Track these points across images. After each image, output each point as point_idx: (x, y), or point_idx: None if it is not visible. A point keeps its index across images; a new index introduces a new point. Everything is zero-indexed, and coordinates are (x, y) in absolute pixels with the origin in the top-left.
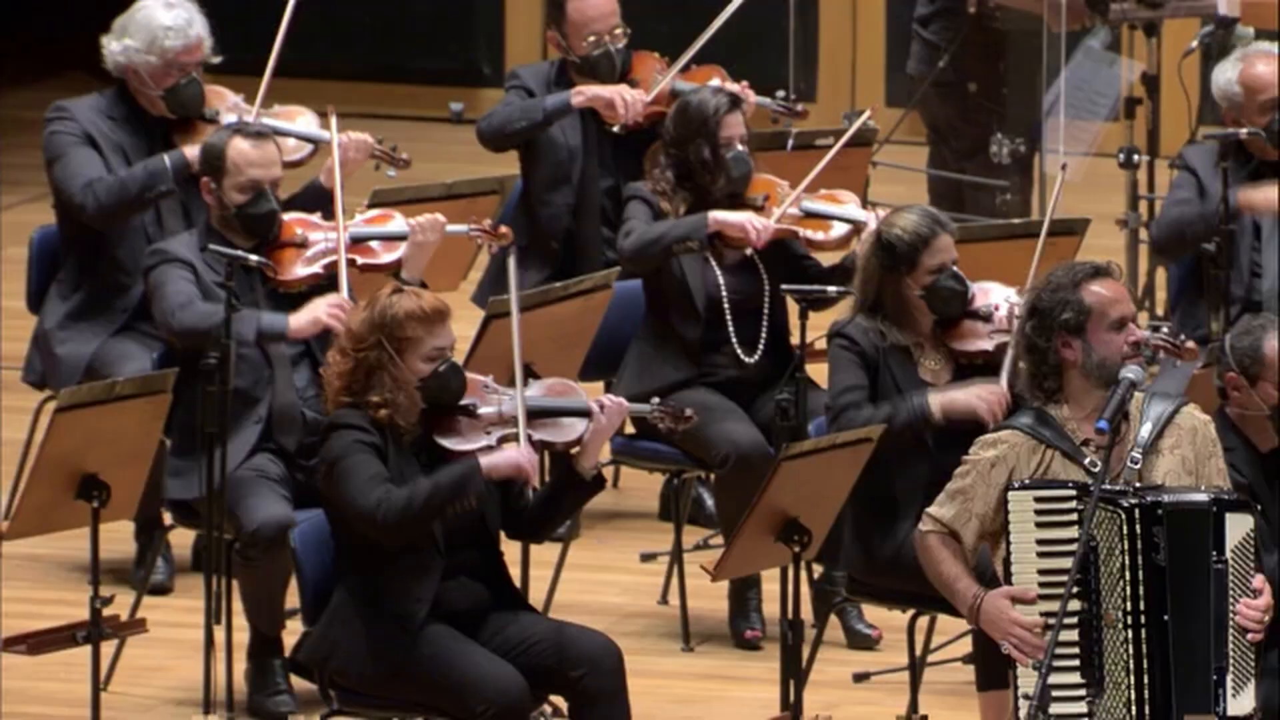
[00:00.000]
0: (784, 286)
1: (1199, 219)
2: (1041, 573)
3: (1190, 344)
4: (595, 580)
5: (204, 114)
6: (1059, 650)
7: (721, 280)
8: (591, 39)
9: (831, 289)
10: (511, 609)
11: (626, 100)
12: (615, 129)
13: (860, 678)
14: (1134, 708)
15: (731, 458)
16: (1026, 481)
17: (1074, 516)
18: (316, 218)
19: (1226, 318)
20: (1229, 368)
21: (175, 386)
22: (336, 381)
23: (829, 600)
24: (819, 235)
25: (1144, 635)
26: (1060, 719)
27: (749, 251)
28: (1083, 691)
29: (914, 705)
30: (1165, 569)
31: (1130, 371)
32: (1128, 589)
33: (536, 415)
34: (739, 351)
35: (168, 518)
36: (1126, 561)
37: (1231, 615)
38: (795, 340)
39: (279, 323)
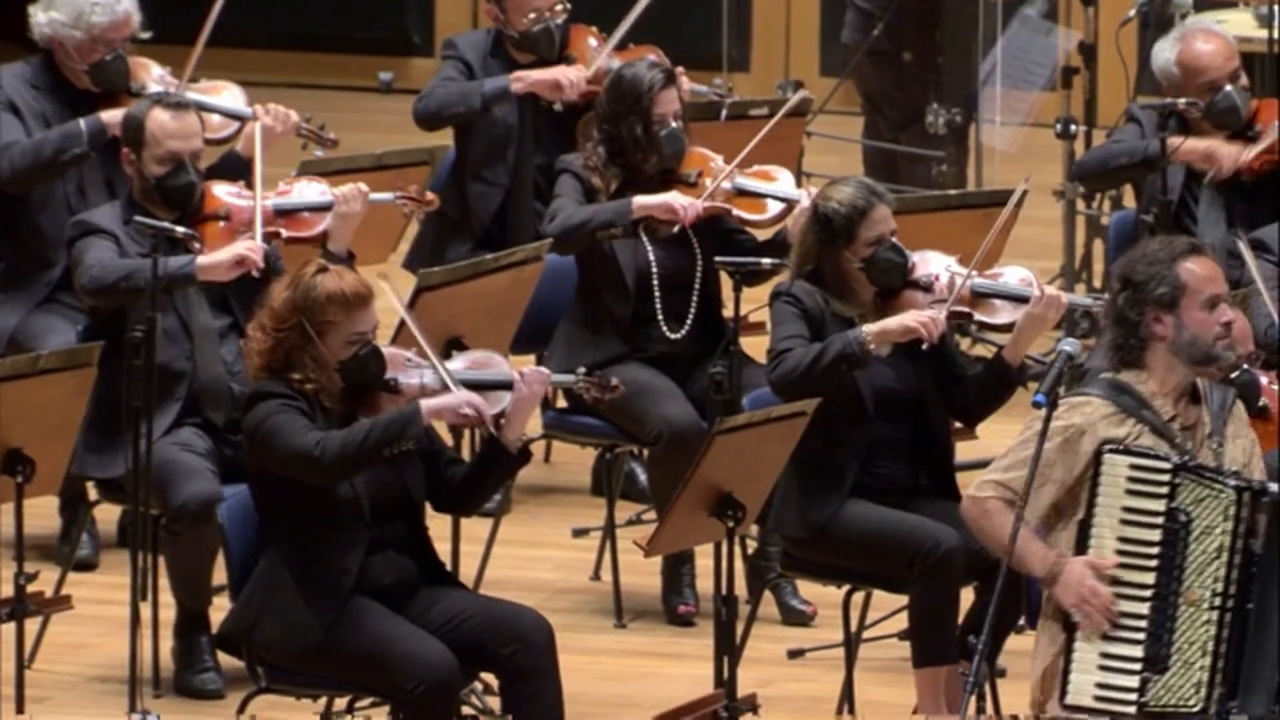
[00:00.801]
0: (717, 259)
1: (1126, 153)
2: (1121, 540)
3: None
4: (526, 556)
5: (130, 89)
6: (1126, 622)
7: (652, 256)
8: (532, 15)
9: (766, 261)
10: (439, 584)
11: (571, 80)
12: (556, 107)
13: (795, 654)
14: (1204, 689)
15: (664, 433)
16: (1124, 447)
17: (1164, 490)
18: (239, 188)
19: None
20: None
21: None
22: (257, 359)
23: (763, 576)
24: (752, 215)
25: (1227, 620)
26: (1108, 689)
27: (678, 227)
28: (1138, 665)
29: (849, 682)
30: (1258, 557)
31: (1067, 345)
32: (1222, 570)
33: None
34: (665, 328)
35: (93, 493)
36: (1226, 543)
37: None
38: (729, 314)
39: (186, 263)
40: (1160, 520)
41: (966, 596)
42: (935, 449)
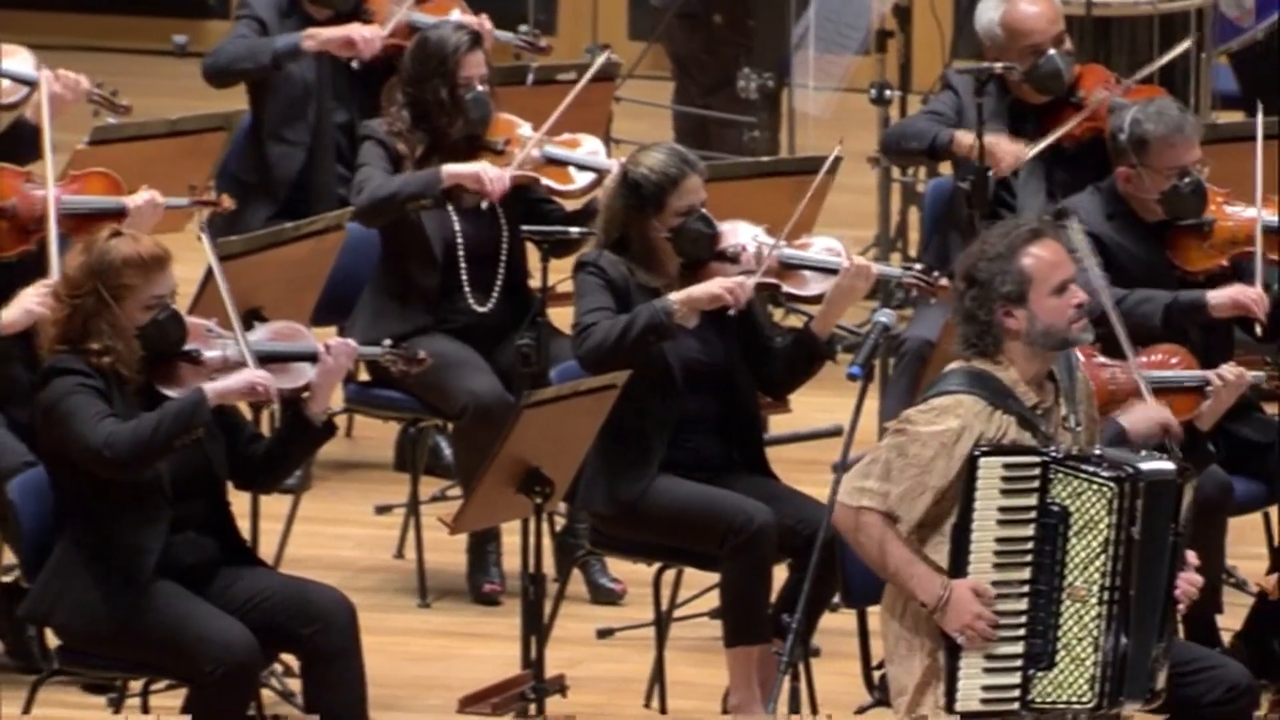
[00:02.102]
0: (524, 229)
1: (917, 137)
2: (999, 540)
3: (944, 281)
4: (328, 533)
5: None
6: (1006, 621)
7: (458, 226)
8: None
9: (573, 230)
10: (241, 564)
11: (365, 38)
12: (354, 65)
13: (604, 634)
14: (1097, 685)
15: (470, 406)
16: (995, 446)
17: (1036, 485)
18: (27, 186)
19: None
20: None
21: None
22: (52, 329)
23: (572, 553)
24: (561, 185)
25: (1114, 612)
26: (993, 689)
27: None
28: (1019, 663)
29: (659, 662)
30: (1137, 543)
31: (883, 315)
32: (1108, 564)
33: (262, 360)
34: (471, 299)
35: None
36: (1110, 536)
37: (1176, 588)
38: (536, 285)
39: None
40: (1033, 515)
41: (780, 574)
42: (745, 422)
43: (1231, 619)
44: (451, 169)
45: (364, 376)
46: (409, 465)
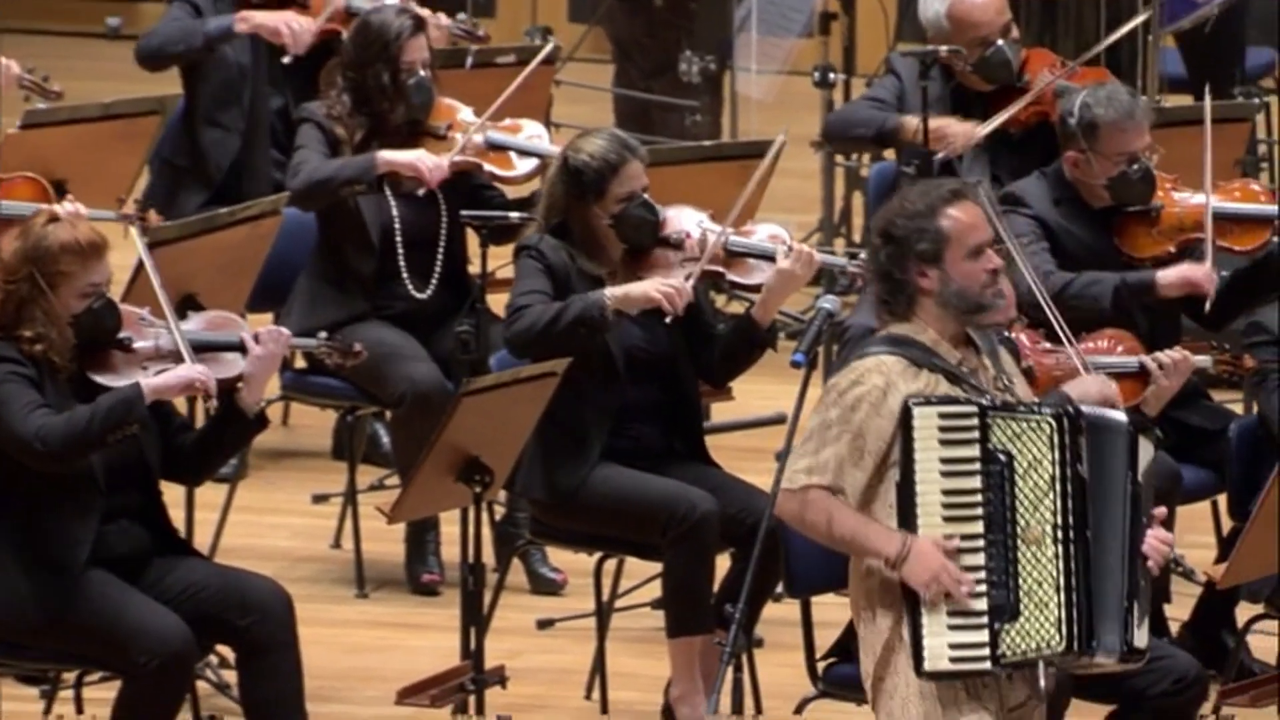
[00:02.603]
0: (463, 214)
1: (864, 123)
2: (946, 493)
3: None
4: (264, 523)
5: None
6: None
7: (396, 212)
8: None
9: (513, 215)
10: (175, 554)
11: (294, 30)
12: (285, 59)
13: (544, 624)
14: (1064, 627)
15: (408, 394)
16: (927, 398)
17: (976, 434)
18: None
19: None
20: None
21: None
22: None
23: (512, 543)
24: (503, 171)
25: (1072, 551)
26: (962, 647)
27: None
28: (985, 619)
29: (601, 653)
30: (1087, 482)
31: (826, 301)
32: (1056, 501)
33: (196, 349)
34: (410, 286)
35: None
36: (1055, 473)
37: (1141, 541)
38: (476, 271)
39: None
40: (978, 465)
41: (722, 564)
42: (687, 411)
43: (1179, 609)
44: (387, 156)
45: (300, 364)
46: (346, 454)
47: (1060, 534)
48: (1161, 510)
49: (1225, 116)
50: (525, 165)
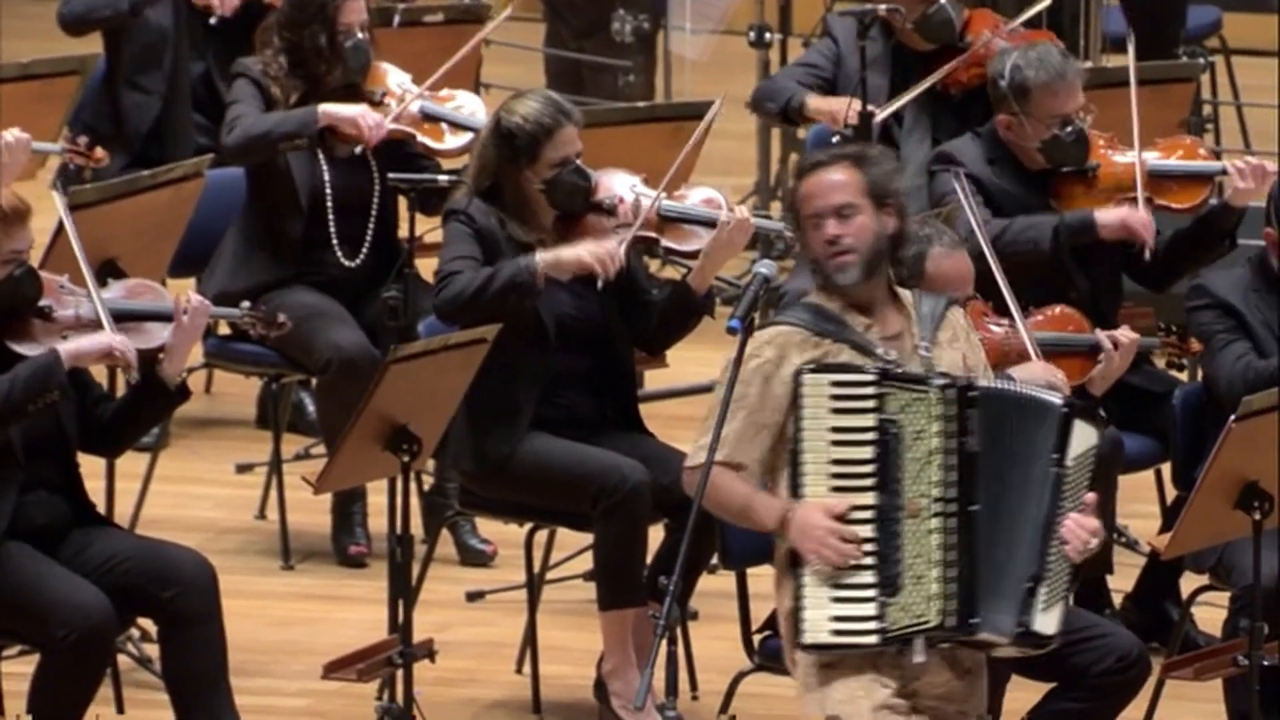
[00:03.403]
0: (391, 175)
1: (775, 99)
2: (834, 462)
3: None
4: (186, 493)
5: None
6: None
7: (327, 176)
8: None
9: (442, 177)
10: (94, 525)
11: None
12: (212, 21)
13: (474, 597)
14: (936, 602)
15: (334, 360)
16: (821, 364)
17: (871, 403)
18: None
19: None
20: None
21: None
22: None
23: (440, 513)
24: (436, 143)
25: (952, 525)
26: (845, 620)
27: (360, 148)
28: (873, 592)
29: (532, 626)
30: (977, 456)
31: (763, 266)
32: (938, 473)
33: (116, 318)
34: (339, 252)
35: None
36: (938, 444)
37: (1058, 525)
38: (405, 235)
39: None
40: (871, 435)
41: (656, 535)
42: (620, 378)
43: (1122, 580)
44: (329, 109)
45: (224, 329)
46: (271, 422)
47: (940, 507)
48: (1091, 496)
49: (1169, 77)
50: (458, 140)
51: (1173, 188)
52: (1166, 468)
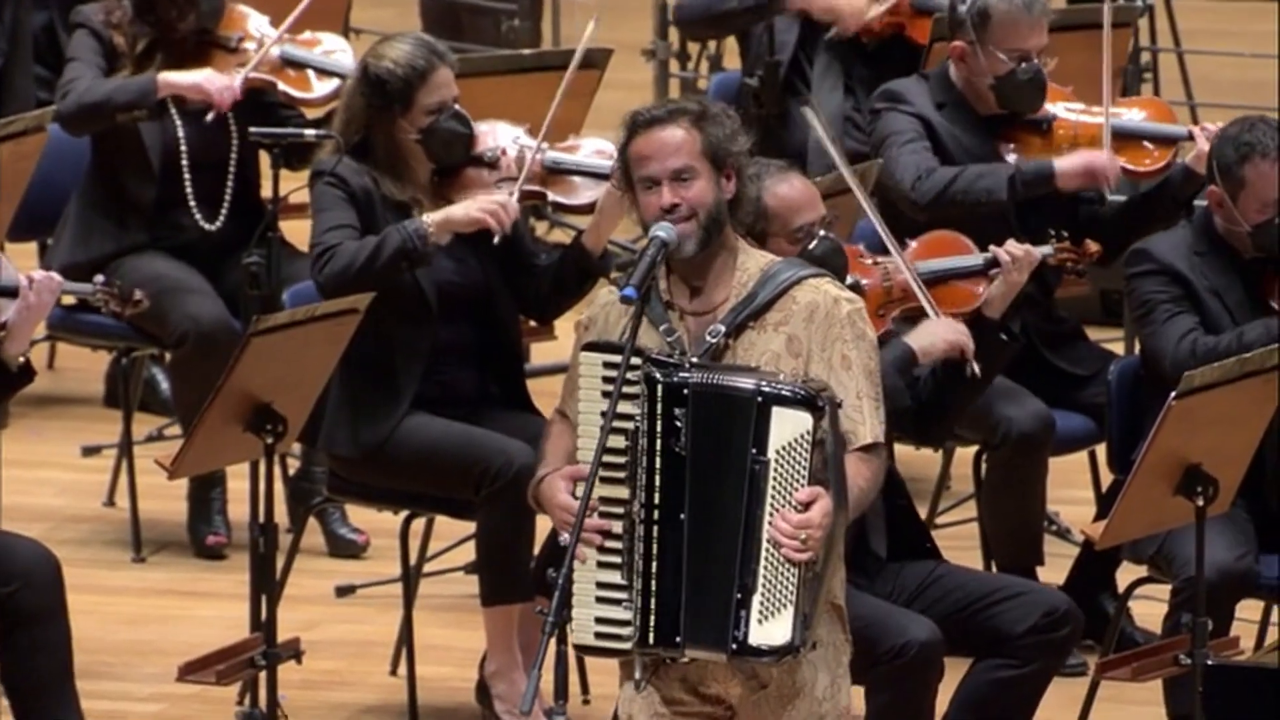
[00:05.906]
0: (251, 130)
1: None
2: (606, 450)
3: None
4: (27, 478)
5: None
6: (610, 544)
7: (182, 133)
8: None
9: (308, 132)
10: None
11: None
12: None
13: (344, 591)
14: (640, 617)
15: (190, 333)
16: (602, 342)
17: (636, 390)
18: None
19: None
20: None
21: None
22: None
23: (307, 500)
24: (300, 92)
25: (656, 534)
26: (606, 623)
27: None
28: (625, 595)
29: (408, 622)
30: (686, 459)
31: (661, 229)
32: (644, 477)
33: None
34: (198, 215)
35: None
36: (644, 446)
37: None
38: (268, 195)
39: None
40: (631, 424)
41: (543, 523)
42: (504, 352)
43: (1054, 572)
44: (168, 78)
45: (69, 300)
46: (120, 401)
47: (645, 514)
48: (807, 491)
49: (1124, 21)
50: (325, 87)
51: (1136, 149)
52: (1101, 449)
